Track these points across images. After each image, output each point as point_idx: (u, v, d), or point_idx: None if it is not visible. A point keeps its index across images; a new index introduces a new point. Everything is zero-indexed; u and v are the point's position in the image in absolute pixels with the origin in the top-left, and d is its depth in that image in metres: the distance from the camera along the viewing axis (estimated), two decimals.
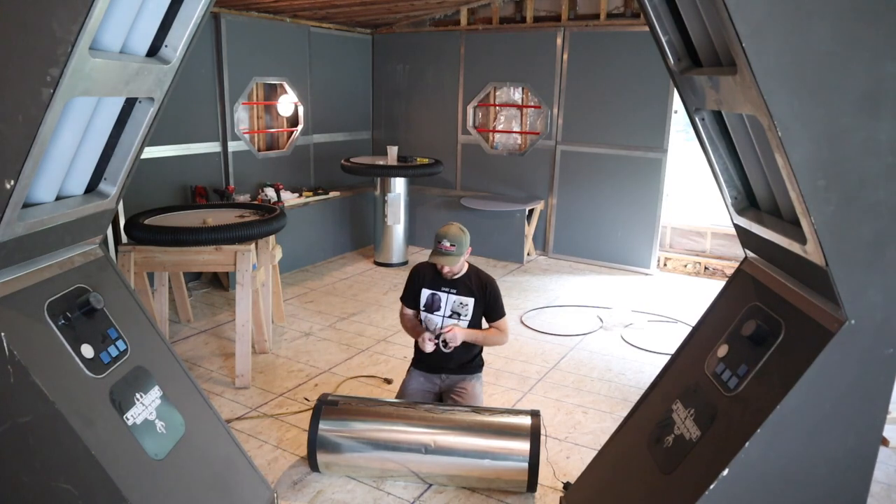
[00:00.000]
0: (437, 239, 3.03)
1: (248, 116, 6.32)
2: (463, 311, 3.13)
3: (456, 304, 3.13)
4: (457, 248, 3.00)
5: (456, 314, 3.14)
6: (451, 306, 3.14)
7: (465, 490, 2.81)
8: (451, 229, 3.05)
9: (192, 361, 4.07)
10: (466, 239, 3.05)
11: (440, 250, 3.01)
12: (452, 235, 3.01)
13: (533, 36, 6.39)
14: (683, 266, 6.31)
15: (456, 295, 3.13)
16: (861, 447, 1.86)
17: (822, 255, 1.64)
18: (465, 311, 3.13)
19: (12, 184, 1.58)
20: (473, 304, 3.11)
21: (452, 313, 3.14)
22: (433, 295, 3.16)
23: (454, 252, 3.00)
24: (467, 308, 3.12)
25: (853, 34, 1.45)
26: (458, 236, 3.01)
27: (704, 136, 2.03)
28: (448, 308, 3.14)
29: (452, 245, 3.00)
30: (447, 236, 3.02)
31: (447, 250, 3.00)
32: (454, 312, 3.14)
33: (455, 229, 3.05)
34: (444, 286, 3.14)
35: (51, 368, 1.79)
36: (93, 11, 1.45)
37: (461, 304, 3.12)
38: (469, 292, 3.12)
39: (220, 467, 2.35)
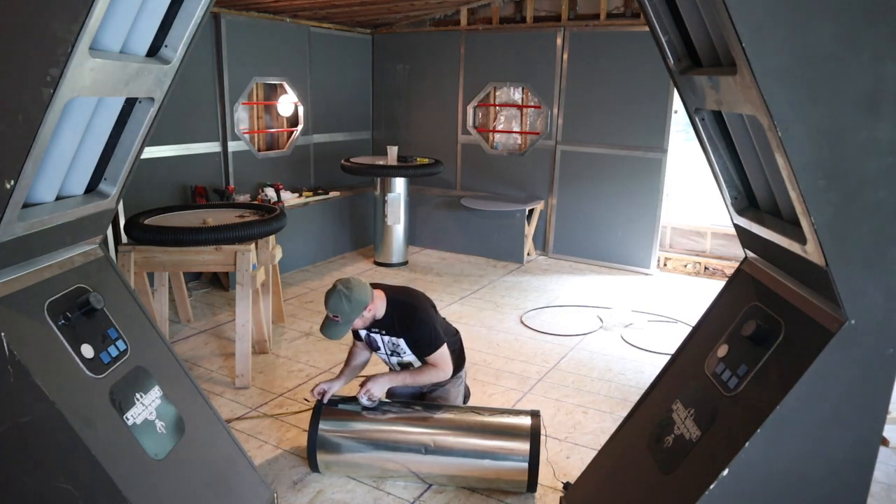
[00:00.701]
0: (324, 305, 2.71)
1: (248, 116, 6.32)
2: (399, 350, 2.90)
3: (389, 343, 2.90)
4: (341, 317, 2.66)
5: (395, 352, 2.91)
6: (387, 346, 2.91)
7: (465, 490, 2.81)
8: (331, 297, 2.66)
9: (192, 361, 4.07)
10: (352, 304, 2.64)
11: (326, 319, 2.72)
12: (334, 305, 2.65)
13: (533, 36, 6.39)
14: (683, 266, 6.31)
15: (387, 335, 2.87)
16: (861, 447, 1.86)
17: (822, 255, 1.64)
18: (400, 349, 2.89)
19: (12, 184, 1.58)
20: (405, 343, 2.85)
21: (392, 352, 2.91)
22: (368, 335, 2.92)
23: (339, 322, 2.68)
24: (401, 346, 2.88)
25: (853, 34, 1.45)
26: (339, 305, 2.64)
27: (704, 136, 2.03)
28: (386, 347, 2.92)
29: (335, 316, 2.67)
30: (328, 305, 2.67)
31: (331, 321, 2.70)
32: (393, 352, 2.91)
33: (336, 296, 2.64)
34: (374, 327, 2.86)
35: (51, 368, 1.79)
36: (93, 11, 1.45)
37: (393, 343, 2.88)
38: (395, 332, 2.84)
39: (220, 467, 2.35)
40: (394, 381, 2.86)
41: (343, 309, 2.64)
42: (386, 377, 2.85)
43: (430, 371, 2.85)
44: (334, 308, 2.65)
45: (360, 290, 2.68)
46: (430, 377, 2.86)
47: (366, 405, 2.81)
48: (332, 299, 2.65)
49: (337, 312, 2.65)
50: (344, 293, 2.64)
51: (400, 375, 2.88)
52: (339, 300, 2.64)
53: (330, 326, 2.71)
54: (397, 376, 2.88)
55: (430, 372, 2.85)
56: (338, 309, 2.64)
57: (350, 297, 2.64)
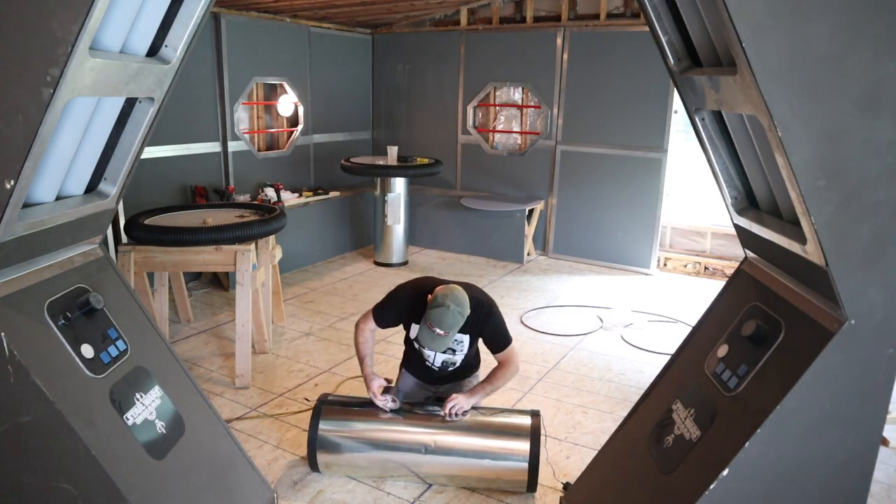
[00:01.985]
0: (428, 317, 2.58)
1: (248, 116, 6.32)
2: (458, 348, 2.84)
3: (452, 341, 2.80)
4: (450, 333, 2.59)
5: (451, 350, 2.84)
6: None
7: (465, 490, 2.81)
8: (447, 315, 2.54)
9: (192, 361, 4.07)
10: (462, 318, 2.59)
11: (431, 332, 2.60)
12: (447, 323, 2.54)
13: (533, 36, 6.39)
14: (683, 266, 6.31)
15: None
16: (861, 447, 1.86)
17: (822, 255, 1.64)
18: (461, 346, 2.83)
19: (12, 184, 1.58)
20: (469, 340, 2.82)
21: (447, 349, 2.80)
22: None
23: (447, 337, 2.61)
24: (462, 344, 2.82)
25: (853, 34, 1.45)
26: (455, 324, 2.56)
27: (704, 136, 2.03)
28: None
29: (446, 332, 2.58)
30: (439, 323, 2.55)
31: (439, 336, 2.60)
32: (448, 348, 2.81)
33: (452, 316, 2.54)
34: None
35: (51, 368, 1.79)
36: (93, 11, 1.45)
37: (456, 341, 2.81)
38: (465, 329, 2.75)
39: (220, 467, 2.35)
40: (477, 398, 2.79)
41: (457, 324, 2.58)
42: (470, 397, 2.77)
43: (504, 371, 2.81)
44: (450, 326, 2.56)
45: (462, 298, 2.62)
46: (506, 377, 2.81)
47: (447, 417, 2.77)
48: (448, 318, 2.54)
49: (450, 329, 2.58)
50: (459, 311, 2.57)
51: (483, 389, 2.81)
52: (454, 318, 2.56)
53: (436, 339, 2.62)
54: (478, 393, 2.80)
55: (504, 372, 2.81)
56: (453, 326, 2.58)
57: (462, 313, 2.59)
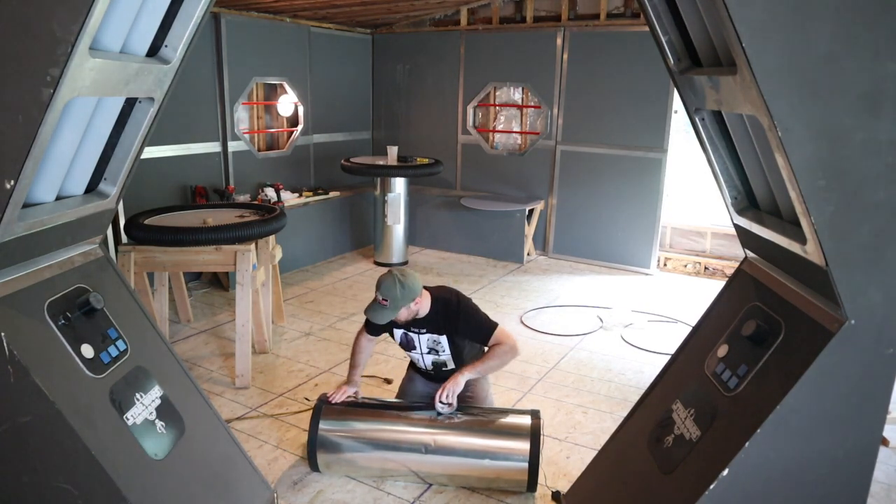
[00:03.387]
0: (376, 286, 2.72)
1: (248, 116, 6.32)
2: (439, 348, 2.88)
3: (429, 342, 2.88)
4: (390, 302, 2.67)
5: (433, 350, 2.89)
6: (425, 344, 2.90)
7: (465, 490, 2.81)
8: (385, 280, 2.69)
9: (192, 361, 4.07)
10: (405, 291, 2.67)
11: (374, 301, 2.72)
12: (386, 289, 2.67)
13: (533, 36, 6.39)
14: (683, 266, 6.30)
15: (427, 333, 2.86)
16: (861, 447, 1.86)
17: (822, 255, 1.64)
18: (441, 346, 2.88)
19: (12, 184, 1.58)
20: (447, 341, 2.85)
21: (430, 350, 2.89)
22: (405, 334, 2.91)
23: (386, 307, 2.68)
24: (442, 344, 2.87)
25: (853, 34, 1.45)
26: (391, 290, 2.66)
27: (704, 136, 2.03)
28: (424, 346, 2.91)
29: (385, 300, 2.67)
30: (380, 288, 2.69)
31: (379, 304, 2.69)
32: (431, 349, 2.89)
33: (390, 281, 2.67)
34: (414, 326, 2.86)
35: (51, 368, 1.79)
36: (93, 11, 1.45)
37: (434, 341, 2.87)
38: (438, 330, 2.83)
39: (220, 467, 2.35)
40: (467, 375, 2.75)
41: (395, 294, 2.66)
42: (460, 375, 2.75)
43: (500, 351, 2.77)
44: (386, 292, 2.66)
45: (413, 280, 2.72)
46: (501, 357, 2.77)
47: (442, 412, 2.75)
48: (385, 283, 2.67)
49: (387, 297, 2.66)
50: (399, 279, 2.68)
51: (473, 367, 2.77)
52: (392, 285, 2.66)
53: (376, 309, 2.71)
54: (472, 368, 2.76)
55: (499, 353, 2.77)
56: (389, 293, 2.66)
57: (404, 285, 2.67)
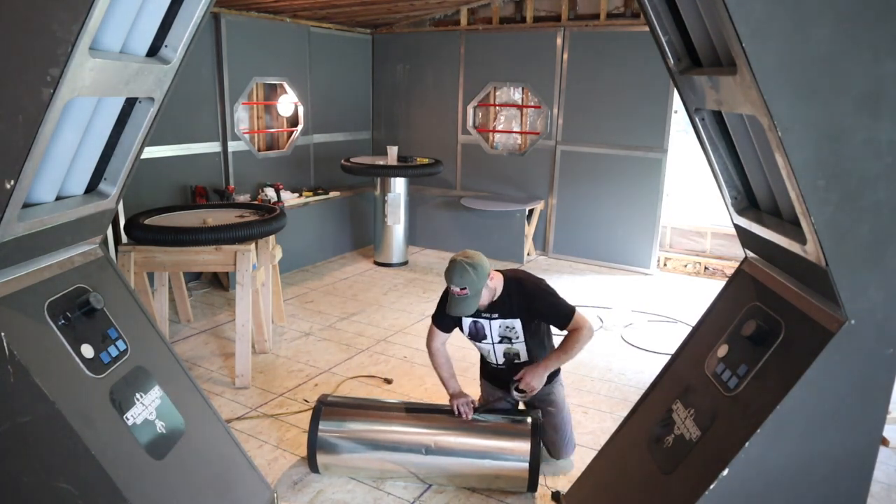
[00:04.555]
0: (447, 282, 2.58)
1: (248, 116, 6.32)
2: (512, 335, 2.76)
3: (502, 328, 2.77)
4: (469, 289, 2.53)
5: (506, 339, 2.78)
6: (497, 332, 2.79)
7: (465, 490, 2.81)
8: (455, 269, 2.54)
9: (192, 361, 4.07)
10: (478, 272, 2.54)
11: (453, 297, 2.58)
12: (459, 277, 2.53)
13: (533, 36, 6.39)
14: (683, 266, 6.30)
15: (499, 319, 2.75)
16: (861, 447, 1.86)
17: (822, 255, 1.64)
18: (514, 332, 2.75)
19: (12, 184, 1.58)
20: (521, 325, 2.74)
21: (502, 339, 2.77)
22: (475, 323, 2.79)
23: (468, 295, 2.54)
24: (515, 330, 2.75)
25: (853, 34, 1.45)
26: (465, 276, 2.52)
27: (704, 136, 2.03)
28: (495, 334, 2.80)
29: (463, 289, 2.53)
30: (453, 279, 2.54)
31: (459, 295, 2.55)
32: (503, 337, 2.78)
33: (459, 268, 2.53)
34: (485, 312, 2.75)
35: (51, 368, 1.79)
36: (93, 11, 1.45)
37: (507, 327, 2.75)
38: (512, 313, 2.71)
39: (220, 467, 2.35)
40: (551, 366, 2.70)
41: (471, 278, 2.51)
42: (541, 366, 2.68)
43: (578, 337, 2.67)
44: (461, 280, 2.51)
45: (479, 257, 2.59)
46: (579, 344, 2.67)
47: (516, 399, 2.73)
48: (456, 271, 2.53)
49: (465, 284, 2.51)
50: (467, 262, 2.54)
51: (552, 358, 2.71)
52: (464, 270, 2.52)
53: (458, 302, 2.56)
54: (550, 360, 2.70)
55: (576, 339, 2.67)
56: (465, 280, 2.51)
57: (474, 265, 2.53)
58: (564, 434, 2.97)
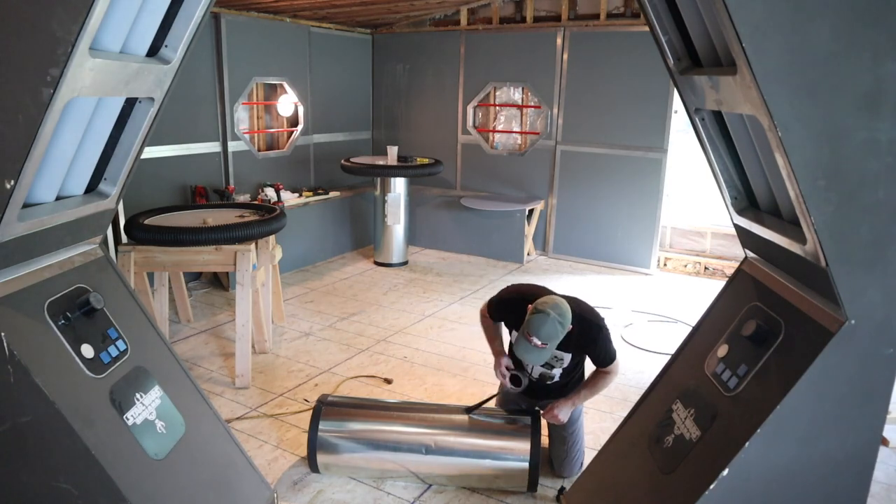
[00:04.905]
0: (526, 326, 2.45)
1: (248, 116, 6.32)
2: (557, 364, 2.76)
3: (551, 357, 2.73)
4: (549, 346, 2.44)
5: (548, 364, 2.76)
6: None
7: (465, 490, 2.81)
8: (545, 324, 2.40)
9: (192, 361, 4.07)
10: (563, 330, 2.44)
11: (526, 342, 2.44)
12: (546, 334, 2.40)
13: (533, 36, 6.39)
14: (683, 266, 6.30)
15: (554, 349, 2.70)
16: (861, 447, 1.86)
17: (822, 255, 1.64)
18: (560, 363, 2.75)
19: (12, 184, 1.58)
20: (570, 359, 2.74)
21: (545, 363, 2.73)
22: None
23: (545, 350, 2.46)
24: (562, 361, 2.74)
25: (853, 34, 1.45)
26: (552, 334, 2.41)
27: (704, 136, 2.03)
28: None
29: (544, 343, 2.42)
30: (537, 333, 2.40)
31: (537, 347, 2.44)
32: (546, 363, 2.73)
33: (551, 325, 2.40)
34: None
35: (51, 368, 1.79)
36: (93, 12, 1.45)
37: (556, 358, 2.73)
38: (567, 348, 2.66)
39: (220, 467, 2.35)
40: (578, 402, 2.77)
41: (556, 338, 2.45)
42: (570, 402, 2.75)
43: (605, 381, 2.75)
44: (546, 337, 2.42)
45: (567, 313, 2.48)
46: (607, 384, 2.77)
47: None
48: (545, 328, 2.40)
49: (548, 341, 2.43)
50: (558, 321, 2.43)
51: (581, 395, 2.77)
52: (554, 329, 2.42)
53: (531, 351, 2.47)
54: (578, 397, 2.77)
55: (606, 382, 2.75)
56: (550, 338, 2.43)
57: (563, 326, 2.45)
58: (572, 449, 2.88)
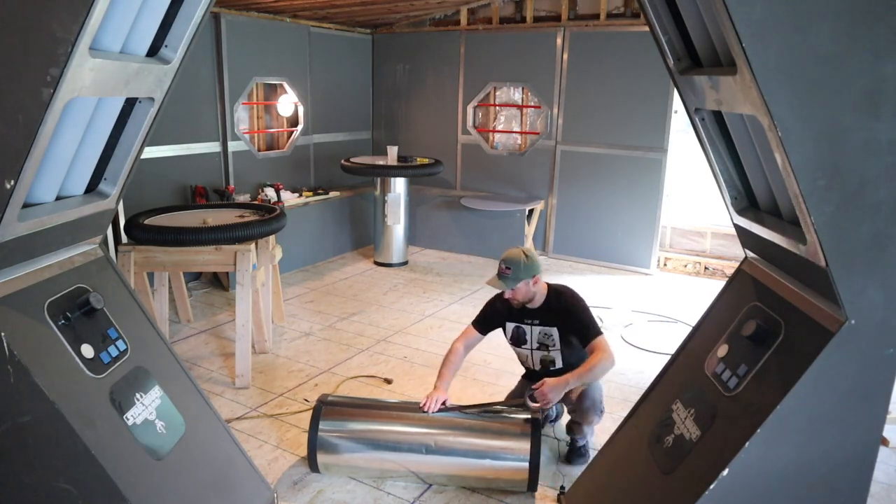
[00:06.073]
0: (500, 260, 2.87)
1: (248, 116, 6.32)
2: (549, 342, 2.94)
3: (541, 335, 2.96)
4: (512, 271, 2.79)
5: (543, 346, 2.96)
6: (536, 338, 2.97)
7: (465, 490, 2.81)
8: (512, 252, 2.86)
9: (192, 361, 4.07)
10: (528, 265, 2.81)
11: (498, 272, 2.84)
12: (510, 258, 2.82)
13: (533, 36, 6.39)
14: (683, 266, 6.30)
15: (539, 326, 2.95)
16: (861, 447, 1.86)
17: (822, 255, 1.64)
18: (552, 340, 2.94)
19: (12, 184, 1.58)
20: (558, 333, 2.93)
21: (540, 345, 2.97)
22: (517, 328, 3.00)
23: (508, 276, 2.80)
24: (553, 338, 2.93)
25: (853, 34, 1.45)
26: (517, 261, 2.81)
27: (704, 136, 2.03)
28: (534, 340, 2.98)
29: (508, 268, 2.80)
30: (505, 258, 2.84)
31: (501, 273, 2.82)
32: (541, 344, 2.96)
33: (516, 252, 2.85)
34: (527, 318, 2.97)
35: (51, 368, 1.79)
36: (93, 11, 1.45)
37: (546, 335, 2.94)
38: (551, 321, 2.92)
39: (220, 467, 2.35)
40: (570, 384, 2.74)
41: (518, 263, 2.80)
42: (561, 381, 2.73)
43: (598, 360, 2.75)
44: (511, 261, 2.80)
45: (536, 258, 2.88)
46: (598, 368, 2.74)
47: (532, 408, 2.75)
48: (511, 255, 2.83)
49: (511, 266, 2.80)
50: (525, 252, 2.85)
51: (572, 377, 2.75)
52: (518, 256, 2.82)
53: (501, 279, 2.81)
54: (570, 377, 2.75)
55: (598, 361, 2.75)
56: (513, 263, 2.80)
57: (529, 257, 2.83)
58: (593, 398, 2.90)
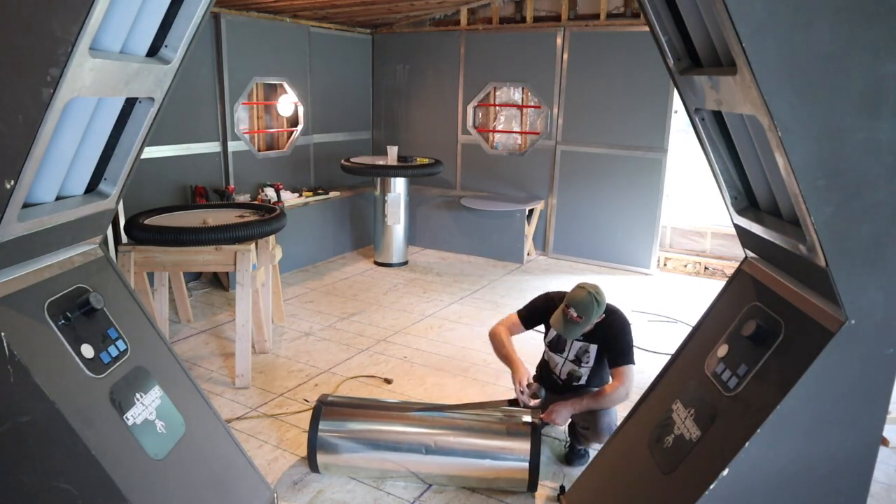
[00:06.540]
0: (567, 302, 2.73)
1: (248, 116, 6.32)
2: (585, 358, 2.92)
3: (580, 349, 2.93)
4: (584, 319, 2.69)
5: (578, 359, 2.94)
6: (574, 351, 2.94)
7: (465, 490, 2.81)
8: (582, 297, 2.69)
9: (192, 361, 4.07)
10: (599, 309, 2.71)
11: (566, 316, 2.72)
12: (582, 305, 2.67)
13: (533, 36, 6.39)
14: (683, 266, 6.30)
15: (582, 340, 2.91)
16: (861, 447, 1.87)
17: (822, 255, 1.64)
18: (588, 357, 2.92)
19: (12, 184, 1.58)
20: (596, 351, 2.90)
21: (575, 358, 2.94)
22: (559, 336, 2.96)
23: (580, 324, 2.70)
24: (589, 355, 2.91)
25: (853, 34, 1.45)
26: (589, 308, 2.67)
27: (704, 136, 2.03)
28: (571, 352, 2.95)
29: (580, 316, 2.68)
30: (575, 304, 2.68)
31: (572, 319, 2.70)
32: (577, 357, 2.94)
33: (588, 299, 2.68)
34: None
35: (51, 368, 1.79)
36: (93, 11, 1.45)
37: (584, 350, 2.91)
38: (594, 338, 2.88)
39: (220, 467, 2.35)
40: (577, 409, 2.80)
41: (591, 312, 2.69)
42: (569, 405, 2.79)
43: (614, 389, 2.76)
44: (584, 311, 2.67)
45: (604, 295, 2.75)
46: (614, 397, 2.76)
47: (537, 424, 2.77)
48: (582, 301, 2.68)
49: (584, 314, 2.68)
50: (595, 297, 2.69)
51: (583, 401, 2.80)
52: (590, 303, 2.68)
53: (568, 325, 2.72)
54: (580, 402, 2.80)
55: (614, 390, 2.76)
56: (587, 312, 2.68)
57: (599, 302, 2.70)
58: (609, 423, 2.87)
